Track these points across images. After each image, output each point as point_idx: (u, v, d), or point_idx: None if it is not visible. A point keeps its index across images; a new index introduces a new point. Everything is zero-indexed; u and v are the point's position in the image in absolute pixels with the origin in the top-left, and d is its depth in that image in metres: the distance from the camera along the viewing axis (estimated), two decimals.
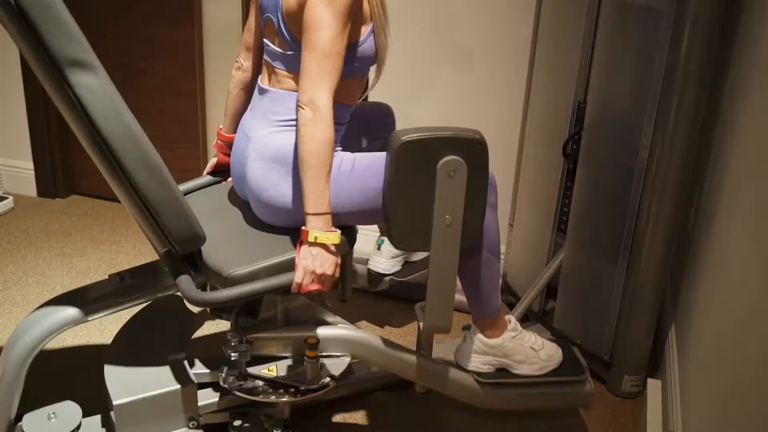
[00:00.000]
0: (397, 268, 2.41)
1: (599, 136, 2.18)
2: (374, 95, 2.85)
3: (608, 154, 2.16)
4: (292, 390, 1.78)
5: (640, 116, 2.04)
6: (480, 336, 1.96)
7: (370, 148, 2.10)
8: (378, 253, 2.38)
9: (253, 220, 1.88)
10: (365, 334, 1.88)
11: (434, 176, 1.66)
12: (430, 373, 1.93)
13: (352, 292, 2.37)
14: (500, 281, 1.91)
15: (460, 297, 2.68)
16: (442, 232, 1.72)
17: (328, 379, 1.81)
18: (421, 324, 1.90)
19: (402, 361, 1.91)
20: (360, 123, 2.08)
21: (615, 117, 2.12)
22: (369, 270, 2.35)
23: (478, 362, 1.98)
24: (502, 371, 1.99)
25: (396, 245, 1.76)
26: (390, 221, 1.72)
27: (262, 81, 1.86)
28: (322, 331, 1.83)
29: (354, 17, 1.70)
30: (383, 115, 2.18)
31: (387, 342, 1.89)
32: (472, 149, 1.67)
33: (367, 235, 2.45)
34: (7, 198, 3.35)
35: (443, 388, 1.95)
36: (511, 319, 2.00)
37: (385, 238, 2.32)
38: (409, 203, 1.69)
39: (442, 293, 1.80)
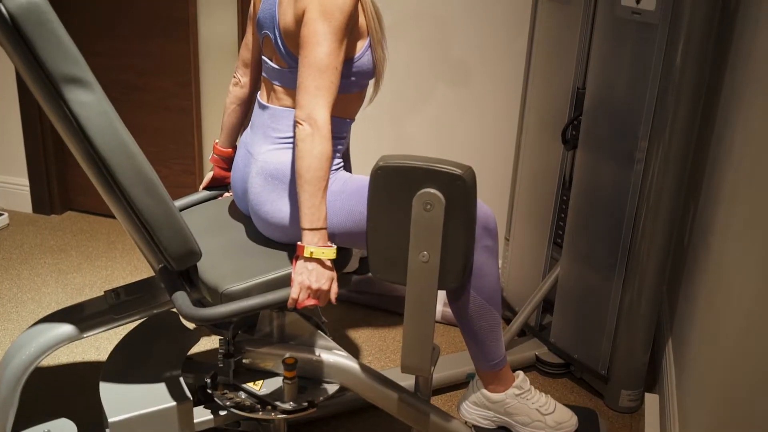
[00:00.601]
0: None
1: (597, 144, 2.18)
2: (372, 108, 2.86)
3: (604, 166, 2.17)
4: (268, 407, 1.76)
5: (636, 130, 2.05)
6: (482, 390, 1.90)
7: None
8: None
9: (249, 235, 1.87)
10: (357, 364, 1.81)
11: (410, 207, 1.60)
12: (426, 421, 1.82)
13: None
14: (501, 332, 1.82)
15: (445, 309, 2.67)
16: (418, 268, 1.63)
17: (306, 404, 1.75)
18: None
19: (395, 402, 1.81)
20: None
21: (610, 130, 2.13)
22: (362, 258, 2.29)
23: (477, 415, 1.91)
24: (504, 429, 1.90)
25: (373, 274, 1.71)
26: (368, 247, 1.69)
27: (262, 97, 1.87)
28: (307, 354, 1.79)
29: (350, 32, 1.70)
30: None
31: (381, 378, 1.81)
32: (452, 185, 1.56)
33: None
34: (2, 214, 3.34)
35: None
36: (520, 374, 1.91)
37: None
38: (385, 232, 1.64)
39: (419, 332, 1.70)
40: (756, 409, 1.28)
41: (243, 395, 1.78)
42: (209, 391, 1.79)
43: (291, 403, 1.75)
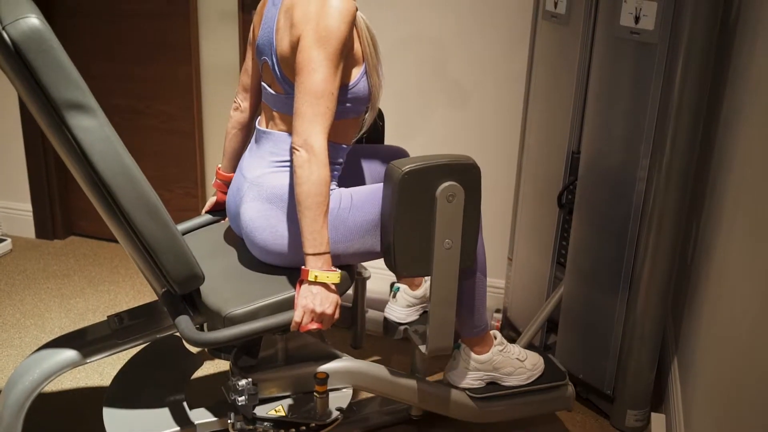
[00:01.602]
0: (414, 317, 2.34)
1: (598, 164, 2.18)
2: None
3: (605, 183, 2.17)
4: (303, 428, 1.79)
5: (637, 149, 2.05)
6: (470, 353, 2.02)
7: None
8: (394, 301, 2.34)
9: (251, 258, 1.87)
10: (365, 363, 1.92)
11: (434, 203, 1.72)
12: (428, 396, 2.00)
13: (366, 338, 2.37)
14: (486, 299, 2.02)
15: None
16: (443, 256, 1.78)
17: (337, 413, 1.83)
18: (422, 348, 1.95)
19: (401, 387, 1.96)
20: (376, 166, 2.11)
21: (611, 149, 2.13)
22: (385, 318, 2.34)
23: (470, 379, 2.04)
24: (493, 385, 2.07)
25: (399, 273, 1.79)
26: (393, 250, 1.75)
27: (260, 123, 1.88)
28: (327, 366, 1.84)
29: (346, 58, 1.71)
30: (399, 158, 2.18)
31: (386, 369, 1.94)
32: (468, 174, 1.74)
33: (382, 277, 2.42)
34: (5, 240, 3.34)
35: (440, 408, 2.02)
36: (497, 334, 2.07)
37: (401, 285, 2.30)
38: (411, 231, 1.74)
39: (444, 316, 1.85)
40: (762, 426, 1.27)
41: (268, 425, 1.79)
42: None
43: (324, 417, 1.81)
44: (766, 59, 1.64)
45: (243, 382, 1.74)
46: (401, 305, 2.32)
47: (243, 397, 1.74)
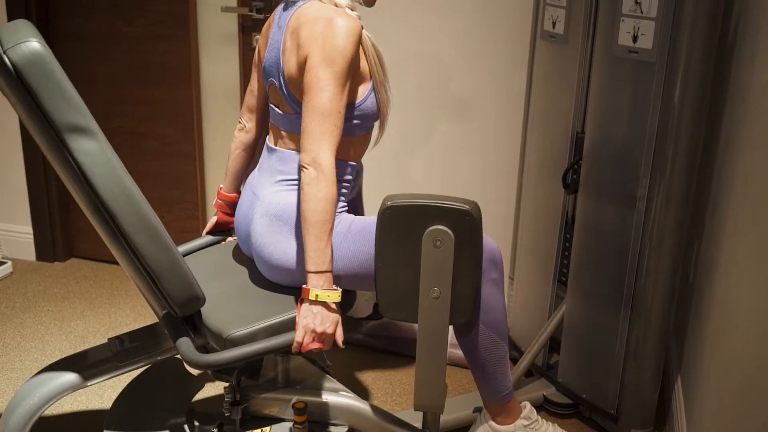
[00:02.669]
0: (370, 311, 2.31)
1: (598, 182, 2.19)
2: (374, 148, 2.87)
3: (606, 204, 2.17)
4: None
5: (637, 167, 2.05)
6: (490, 422, 1.91)
7: None
8: None
9: (252, 279, 1.87)
10: (366, 404, 1.83)
11: (419, 245, 1.63)
12: None
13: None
14: (508, 364, 1.87)
15: (454, 350, 2.63)
16: (429, 304, 1.66)
17: None
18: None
19: None
20: None
21: (611, 168, 2.14)
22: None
23: None
24: None
25: (383, 313, 1.73)
26: (377, 287, 1.70)
27: (270, 141, 1.89)
28: (314, 397, 1.79)
29: (353, 76, 1.72)
30: None
31: (390, 417, 1.83)
32: (461, 220, 1.61)
33: None
34: (5, 263, 3.34)
35: None
36: (527, 405, 1.94)
37: None
38: (394, 270, 1.66)
39: (432, 369, 1.71)
40: None
41: None
42: None
43: None
44: (765, 76, 1.64)
45: (232, 395, 1.75)
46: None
47: (230, 411, 1.74)
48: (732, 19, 2.06)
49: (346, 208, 1.84)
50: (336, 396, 1.81)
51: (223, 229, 2.13)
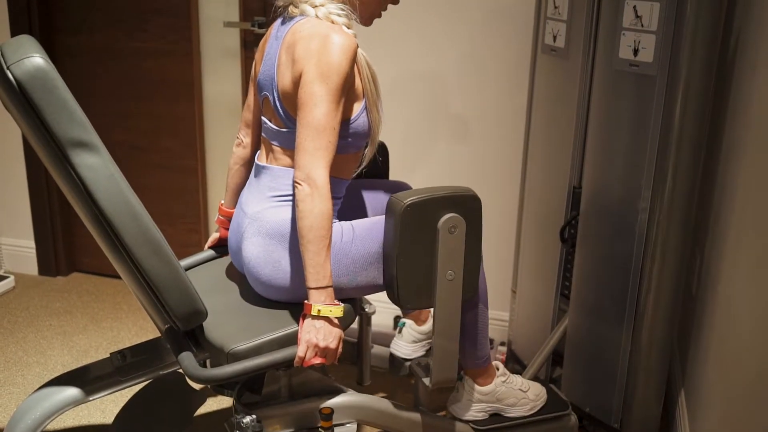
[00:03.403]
0: (420, 353, 2.34)
1: (598, 205, 2.19)
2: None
3: (608, 215, 2.17)
4: None
5: (638, 180, 2.05)
6: (474, 385, 2.02)
7: None
8: (399, 337, 2.33)
9: (254, 293, 1.87)
10: (368, 397, 1.91)
11: (436, 234, 1.73)
12: (432, 430, 2.00)
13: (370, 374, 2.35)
14: (488, 331, 2.04)
15: None
16: (445, 287, 1.79)
17: None
18: (425, 381, 1.95)
19: (405, 421, 1.96)
20: (377, 199, 2.12)
21: (613, 181, 2.14)
22: (391, 354, 2.33)
23: (473, 411, 2.04)
24: (496, 416, 2.07)
25: (402, 305, 1.79)
26: (396, 283, 1.75)
27: (260, 158, 1.88)
28: (331, 401, 1.84)
29: (347, 94, 1.72)
30: (400, 190, 2.20)
31: (390, 403, 1.93)
32: (469, 205, 1.76)
33: (386, 311, 2.39)
34: (8, 277, 3.34)
35: None
36: (499, 365, 2.07)
37: (407, 321, 2.31)
38: (414, 263, 1.74)
39: (447, 347, 1.86)
40: None
41: None
42: None
43: None
44: (766, 89, 1.65)
45: (247, 419, 1.73)
46: (407, 341, 2.31)
47: None
48: (732, 32, 2.07)
49: (337, 221, 1.84)
50: (343, 396, 1.86)
51: (225, 244, 2.13)
